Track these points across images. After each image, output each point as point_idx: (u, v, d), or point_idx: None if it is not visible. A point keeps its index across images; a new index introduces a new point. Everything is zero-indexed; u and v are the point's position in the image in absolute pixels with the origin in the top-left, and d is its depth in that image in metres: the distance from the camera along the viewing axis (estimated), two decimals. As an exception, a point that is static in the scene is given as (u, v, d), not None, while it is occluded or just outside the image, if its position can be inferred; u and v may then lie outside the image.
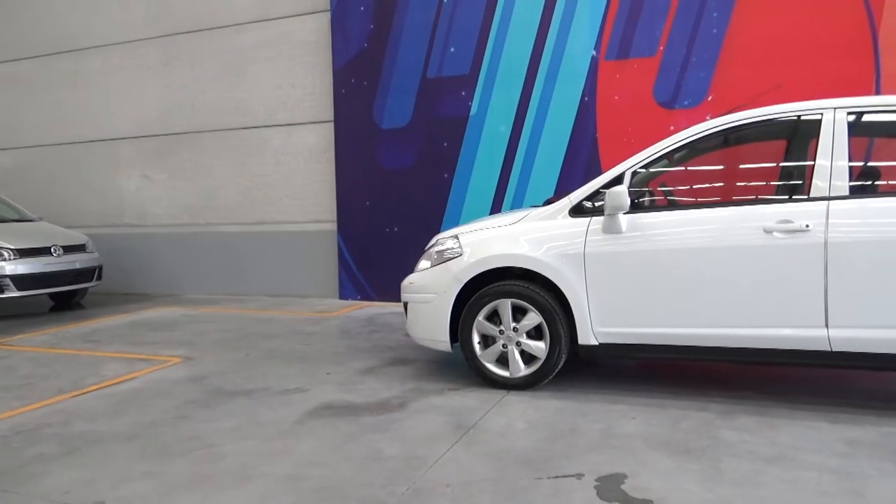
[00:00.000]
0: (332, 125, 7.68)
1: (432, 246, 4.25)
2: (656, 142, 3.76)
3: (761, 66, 5.96)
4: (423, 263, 4.20)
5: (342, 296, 7.71)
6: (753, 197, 3.67)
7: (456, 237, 4.09)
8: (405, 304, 4.27)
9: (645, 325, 3.60)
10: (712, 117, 4.10)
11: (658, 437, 3.10)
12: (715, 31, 6.14)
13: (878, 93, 5.69)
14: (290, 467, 2.88)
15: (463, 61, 7.00)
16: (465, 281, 3.90)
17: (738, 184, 4.13)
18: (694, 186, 4.27)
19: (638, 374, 4.26)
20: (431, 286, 4.04)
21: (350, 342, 5.42)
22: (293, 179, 8.05)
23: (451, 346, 4.01)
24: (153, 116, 8.79)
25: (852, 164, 3.43)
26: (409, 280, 4.22)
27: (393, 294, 4.40)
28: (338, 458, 2.95)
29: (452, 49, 7.03)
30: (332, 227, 7.78)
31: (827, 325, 3.27)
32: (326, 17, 7.64)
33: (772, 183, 3.97)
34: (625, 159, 3.77)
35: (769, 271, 3.36)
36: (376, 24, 7.34)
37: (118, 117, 9.00)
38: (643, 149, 3.77)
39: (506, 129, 6.90)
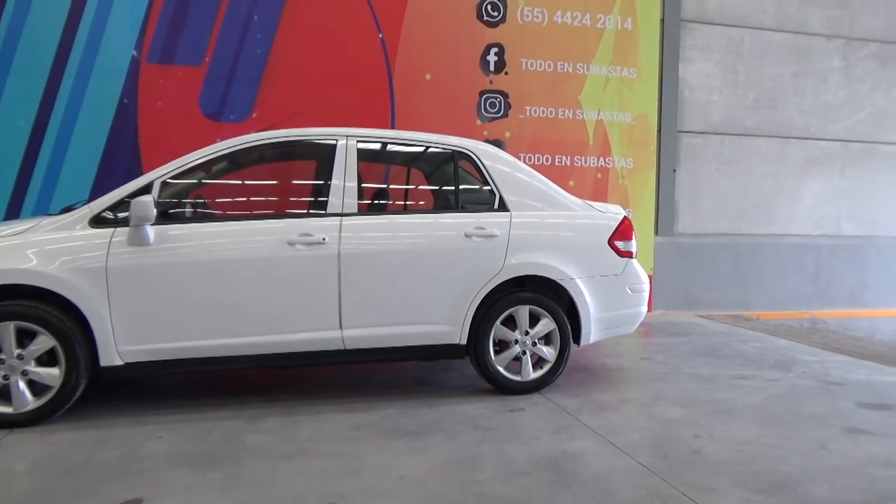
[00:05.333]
0: None
1: None
2: (198, 152, 3.73)
3: (297, 90, 6.45)
4: None
5: None
6: (280, 211, 3.92)
7: (-64, 250, 3.33)
8: None
9: (173, 339, 3.50)
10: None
11: (184, 452, 3.04)
12: (259, 51, 6.40)
13: (393, 126, 6.72)
14: None
15: (-36, 36, 5.78)
16: (-52, 303, 3.21)
17: (269, 198, 4.37)
18: (227, 199, 4.34)
19: (173, 391, 4.12)
20: None
21: None
22: None
23: (-72, 385, 3.24)
24: None
25: (362, 185, 3.97)
26: None
27: None
28: None
29: (-51, 19, 5.75)
30: None
31: (341, 327, 3.70)
32: None
33: (298, 199, 4.32)
34: (168, 168, 3.64)
35: (293, 281, 3.63)
36: None
37: None
38: (185, 158, 3.70)
39: (26, 125, 5.93)
